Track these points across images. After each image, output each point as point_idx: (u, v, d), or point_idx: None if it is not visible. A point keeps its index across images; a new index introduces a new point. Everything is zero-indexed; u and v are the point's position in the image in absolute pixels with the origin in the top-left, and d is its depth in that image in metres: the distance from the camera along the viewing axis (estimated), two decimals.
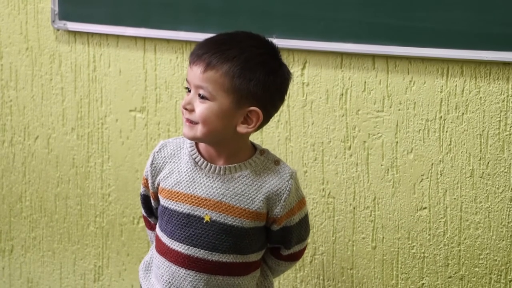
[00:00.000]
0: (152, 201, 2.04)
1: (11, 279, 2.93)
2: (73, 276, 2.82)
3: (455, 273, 2.24)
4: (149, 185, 2.02)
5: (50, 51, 2.74)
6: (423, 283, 2.29)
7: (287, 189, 1.93)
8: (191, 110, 1.87)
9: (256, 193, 1.92)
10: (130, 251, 2.71)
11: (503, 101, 2.14)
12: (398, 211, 2.29)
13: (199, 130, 1.87)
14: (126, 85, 2.63)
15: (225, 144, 1.92)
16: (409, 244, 2.29)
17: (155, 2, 2.50)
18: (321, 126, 2.35)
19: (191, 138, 1.91)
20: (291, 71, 1.94)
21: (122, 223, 2.71)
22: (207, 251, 1.92)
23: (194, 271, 1.94)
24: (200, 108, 1.86)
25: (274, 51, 1.91)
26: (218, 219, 1.92)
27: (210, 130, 1.86)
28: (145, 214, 2.11)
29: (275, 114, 1.96)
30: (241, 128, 1.88)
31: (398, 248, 2.30)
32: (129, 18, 2.56)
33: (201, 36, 2.41)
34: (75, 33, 2.68)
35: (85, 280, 2.80)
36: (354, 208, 2.34)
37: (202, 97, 1.86)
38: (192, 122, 1.88)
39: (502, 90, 2.14)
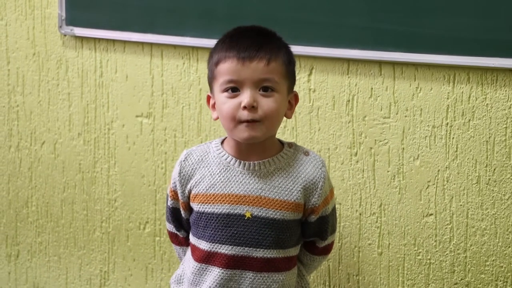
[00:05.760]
0: (182, 212, 2.03)
1: (17, 284, 2.94)
2: (79, 281, 2.82)
3: (461, 279, 2.24)
4: (179, 195, 2.01)
5: (57, 57, 2.74)
6: None
7: (322, 176, 1.96)
8: (256, 108, 1.88)
9: (293, 184, 1.94)
10: (136, 257, 2.71)
11: (510, 107, 2.14)
12: (404, 217, 2.29)
13: (268, 125, 1.90)
14: (132, 91, 2.64)
15: (263, 140, 1.94)
16: (415, 250, 2.29)
17: (162, 8, 2.51)
18: (327, 132, 2.35)
19: (259, 138, 1.90)
20: (298, 77, 1.97)
21: (128, 229, 2.71)
22: (251, 248, 1.93)
23: (239, 270, 1.94)
24: (267, 102, 1.89)
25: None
26: (259, 214, 1.92)
27: (276, 122, 1.93)
28: (172, 230, 2.10)
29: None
30: (289, 113, 1.97)
31: (404, 255, 2.30)
32: (136, 23, 2.57)
33: (207, 42, 2.44)
34: (82, 38, 2.69)
35: (91, 285, 2.80)
36: (360, 214, 2.34)
37: (267, 90, 1.89)
38: (256, 121, 1.88)
39: (508, 97, 2.14)
